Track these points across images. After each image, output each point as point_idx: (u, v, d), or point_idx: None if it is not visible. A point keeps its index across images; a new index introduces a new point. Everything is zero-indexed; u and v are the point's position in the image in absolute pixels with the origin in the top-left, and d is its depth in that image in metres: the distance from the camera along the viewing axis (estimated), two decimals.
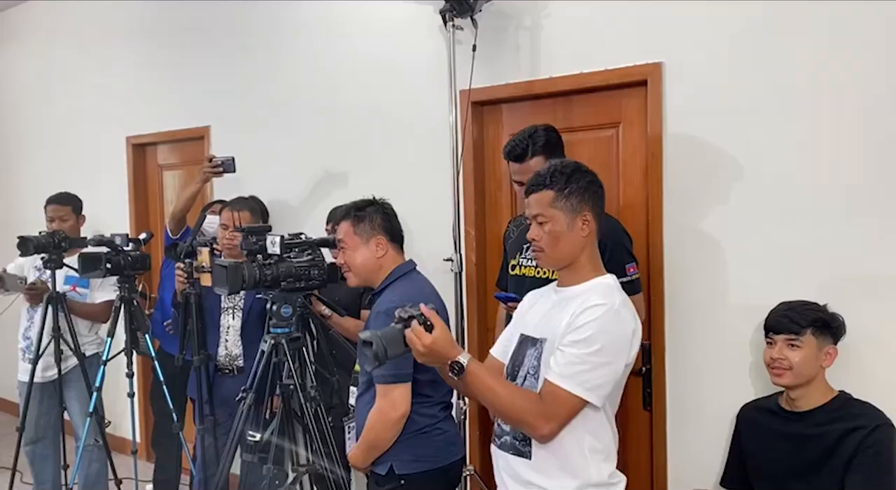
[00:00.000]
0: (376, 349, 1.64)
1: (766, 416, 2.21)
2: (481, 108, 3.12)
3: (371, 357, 1.65)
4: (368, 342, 1.66)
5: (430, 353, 1.64)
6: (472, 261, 3.15)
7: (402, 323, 1.68)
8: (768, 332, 2.17)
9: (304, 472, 2.60)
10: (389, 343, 1.66)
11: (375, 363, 1.65)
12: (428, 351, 1.64)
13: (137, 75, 4.59)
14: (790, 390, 2.13)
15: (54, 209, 3.75)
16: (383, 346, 1.64)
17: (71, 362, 3.57)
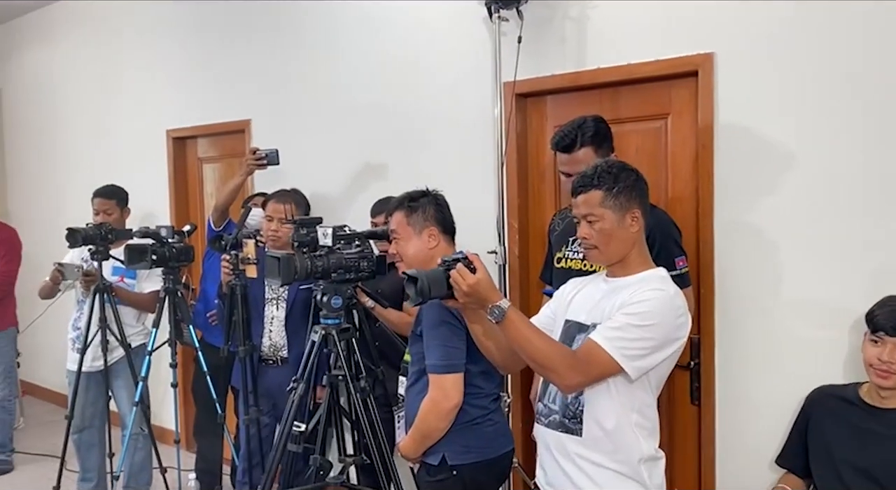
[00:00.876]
0: (420, 286, 1.71)
1: (843, 405, 2.16)
2: (525, 99, 3.10)
3: (415, 294, 1.73)
4: (413, 279, 1.72)
5: (473, 293, 1.70)
6: (515, 253, 3.14)
7: (446, 266, 1.74)
8: (877, 331, 2.03)
9: (351, 462, 2.62)
10: (433, 282, 1.73)
11: (419, 299, 1.73)
12: (471, 291, 1.70)
13: (178, 70, 4.64)
14: (883, 389, 2.05)
15: (100, 202, 3.81)
16: (427, 285, 1.72)
17: (118, 353, 3.63)
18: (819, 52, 2.35)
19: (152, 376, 3.57)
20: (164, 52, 4.72)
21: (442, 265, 1.76)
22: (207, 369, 3.48)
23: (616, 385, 1.72)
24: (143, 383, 3.46)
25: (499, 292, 1.74)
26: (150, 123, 4.82)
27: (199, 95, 4.51)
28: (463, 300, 1.74)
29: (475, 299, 1.72)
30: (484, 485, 2.22)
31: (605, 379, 1.71)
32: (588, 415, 1.75)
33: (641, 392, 1.75)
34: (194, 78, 4.53)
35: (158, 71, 4.77)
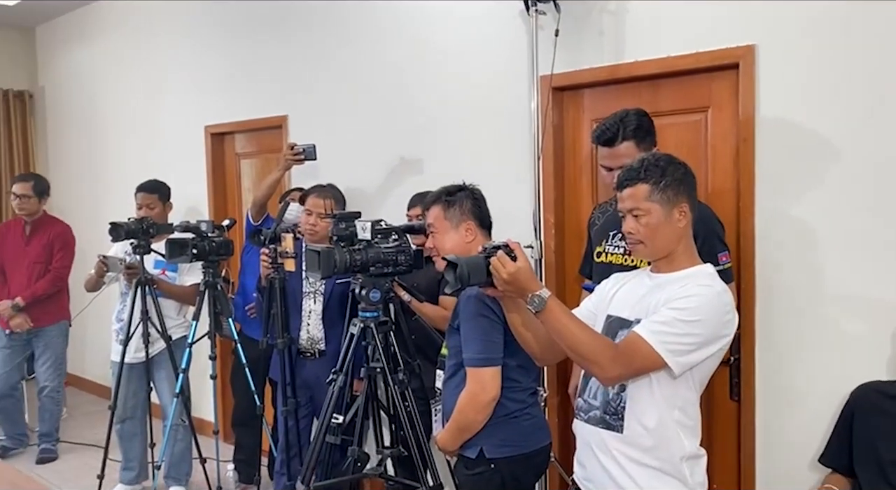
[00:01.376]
0: (460, 272, 1.71)
1: (890, 402, 2.13)
2: (562, 93, 3.09)
3: (454, 279, 1.72)
4: (453, 264, 1.72)
5: (513, 281, 1.70)
6: (551, 247, 3.13)
7: (487, 253, 1.74)
8: None
9: (388, 454, 2.64)
10: (473, 269, 1.72)
11: (457, 285, 1.73)
12: (511, 279, 1.70)
13: (216, 67, 4.70)
14: None
15: (143, 197, 3.88)
16: (467, 271, 1.71)
17: (159, 345, 3.70)
18: (864, 43, 2.31)
19: (192, 368, 3.64)
20: (202, 50, 4.79)
21: (483, 252, 1.75)
22: (246, 361, 3.54)
23: (659, 381, 1.70)
24: (184, 375, 3.52)
25: (539, 281, 1.73)
26: (190, 120, 4.90)
27: (237, 92, 4.56)
28: (502, 288, 1.73)
29: (515, 288, 1.71)
30: (521, 479, 2.22)
31: (647, 373, 1.69)
32: (630, 411, 1.73)
33: (684, 389, 1.72)
34: (232, 75, 4.58)
35: (197, 68, 4.84)
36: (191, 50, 4.88)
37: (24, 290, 4.44)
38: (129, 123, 5.51)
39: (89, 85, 5.91)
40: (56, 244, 4.56)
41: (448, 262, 1.75)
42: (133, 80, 5.43)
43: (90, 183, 5.95)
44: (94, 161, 5.92)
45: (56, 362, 4.67)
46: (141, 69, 5.34)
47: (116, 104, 5.63)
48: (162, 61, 5.13)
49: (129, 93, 5.47)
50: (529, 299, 1.69)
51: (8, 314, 4.39)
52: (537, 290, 1.69)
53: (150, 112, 5.28)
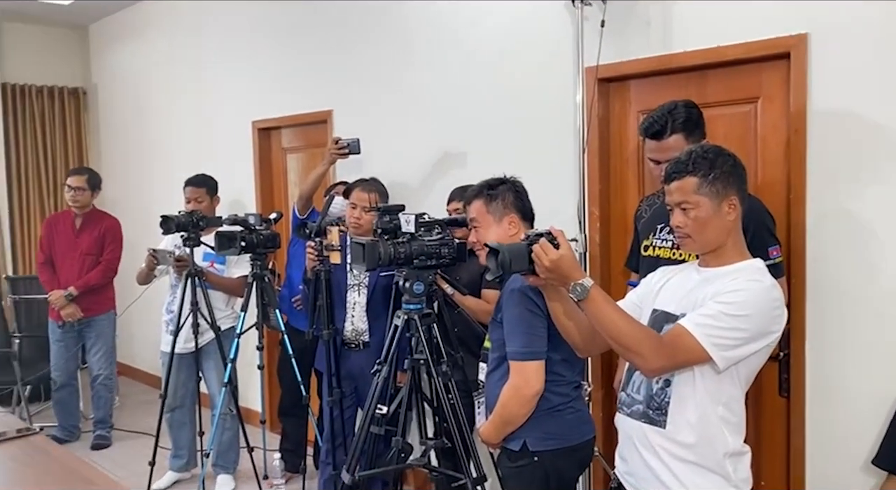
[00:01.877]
0: (502, 259, 1.70)
1: None
2: (608, 85, 3.06)
3: (495, 266, 1.71)
4: (495, 251, 1.71)
5: (555, 269, 1.69)
6: (596, 241, 3.11)
7: (529, 240, 1.73)
8: None
9: (432, 445, 2.66)
10: (515, 256, 1.71)
11: (498, 272, 1.72)
12: (553, 267, 1.68)
13: (263, 63, 4.76)
14: None
15: (191, 191, 3.96)
16: (508, 258, 1.70)
17: (208, 335, 3.77)
18: None
19: (240, 359, 3.71)
20: (249, 47, 4.86)
21: (525, 239, 1.74)
22: (292, 352, 3.59)
23: (703, 376, 1.68)
24: (232, 365, 3.59)
25: (582, 270, 1.71)
26: (237, 115, 4.98)
27: (284, 87, 4.62)
28: (544, 276, 1.72)
29: (557, 276, 1.70)
30: (565, 472, 2.22)
31: (691, 366, 1.67)
32: (673, 407, 1.71)
33: (729, 385, 1.69)
34: (279, 71, 4.64)
35: (245, 64, 4.91)
36: (238, 47, 4.95)
37: (75, 280, 4.57)
38: (178, 119, 5.63)
39: (140, 81, 6.05)
40: (107, 237, 4.69)
41: (490, 249, 1.74)
42: (182, 77, 5.54)
43: (140, 177, 6.10)
44: (144, 156, 6.06)
45: (107, 351, 4.81)
46: (190, 66, 5.44)
47: (166, 100, 5.76)
48: (210, 58, 5.23)
49: (179, 89, 5.59)
50: (572, 288, 1.68)
51: (61, 303, 4.53)
52: (580, 279, 1.68)
53: (199, 108, 5.39)
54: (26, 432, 2.55)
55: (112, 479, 2.27)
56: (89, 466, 2.31)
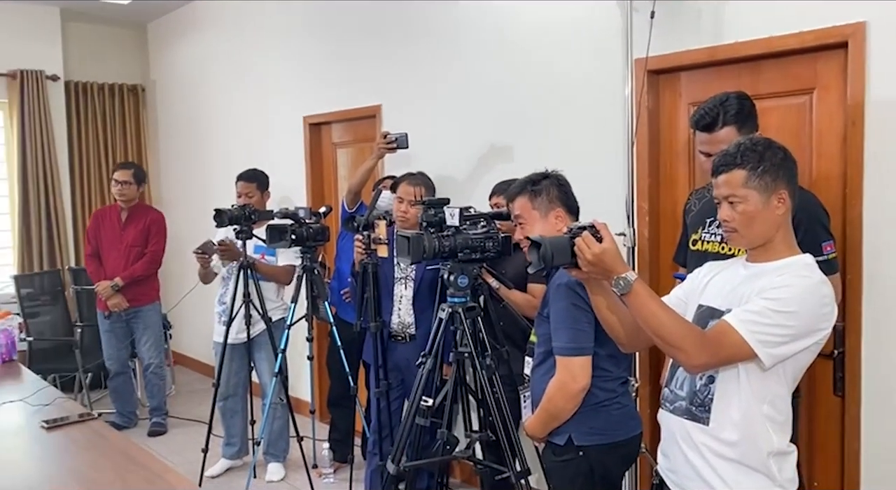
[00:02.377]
0: (543, 252, 1.69)
1: None
2: (658, 77, 3.01)
3: (537, 259, 1.70)
4: (537, 244, 1.70)
5: (598, 262, 1.67)
6: (645, 235, 3.07)
7: (572, 233, 1.72)
8: None
9: (477, 438, 2.67)
10: (557, 249, 1.70)
11: (540, 265, 1.71)
12: (596, 260, 1.67)
13: (314, 60, 4.83)
14: None
15: (242, 185, 4.05)
16: (550, 251, 1.69)
17: (260, 326, 3.86)
18: None
19: (290, 349, 3.78)
20: (302, 45, 4.93)
21: (568, 233, 1.73)
22: (341, 344, 3.65)
23: (748, 373, 1.65)
24: (282, 355, 3.66)
25: (625, 264, 1.69)
26: (289, 111, 5.06)
27: (334, 83, 4.68)
28: (587, 269, 1.70)
29: (600, 269, 1.68)
30: (610, 467, 2.20)
31: (735, 363, 1.64)
32: (717, 404, 1.68)
33: (775, 383, 1.66)
34: (329, 66, 4.70)
35: (296, 61, 4.99)
36: (290, 44, 5.03)
37: (121, 272, 4.71)
38: (232, 115, 5.75)
39: (195, 78, 6.20)
40: (152, 229, 4.82)
41: (532, 242, 1.74)
42: (236, 74, 5.65)
43: (197, 171, 6.25)
44: (199, 151, 6.21)
45: (156, 341, 4.95)
46: (243, 63, 5.55)
47: (220, 96, 5.88)
48: (263, 55, 5.32)
49: (233, 85, 5.70)
50: (615, 281, 1.66)
51: (107, 294, 4.67)
52: (623, 272, 1.66)
53: (253, 104, 5.49)
54: (86, 417, 2.66)
55: (166, 464, 2.35)
56: (144, 451, 2.40)
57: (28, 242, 5.99)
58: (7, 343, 3.45)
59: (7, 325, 3.50)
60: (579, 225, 1.73)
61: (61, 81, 6.20)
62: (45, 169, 6.03)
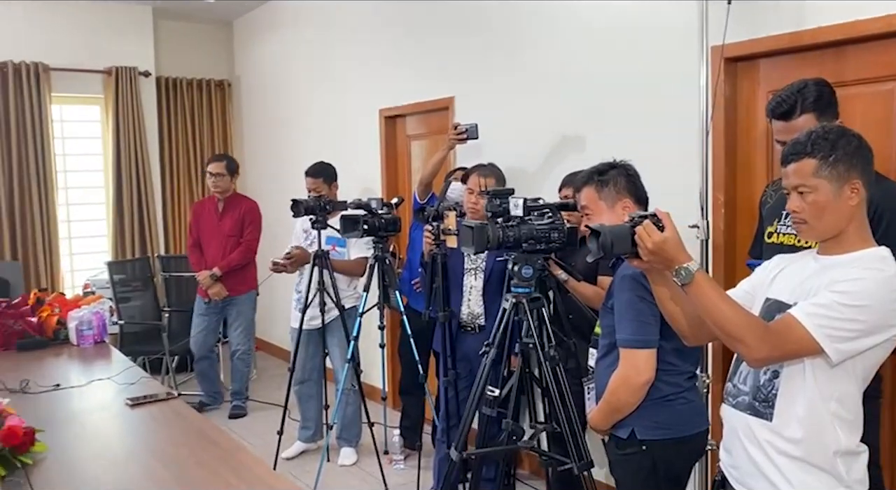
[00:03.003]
0: (603, 240, 1.67)
1: None
2: (735, 64, 2.92)
3: (596, 248, 1.69)
4: (596, 233, 1.68)
5: (659, 251, 1.64)
6: (720, 228, 2.98)
7: (633, 222, 1.69)
8: None
9: (542, 429, 2.67)
10: (617, 238, 1.68)
11: (599, 253, 1.69)
12: (656, 249, 1.64)
13: (389, 54, 4.90)
14: None
15: (310, 181, 4.16)
16: (610, 240, 1.67)
17: (333, 313, 3.95)
18: None
19: (363, 337, 3.86)
20: (376, 39, 5.01)
21: (629, 221, 1.70)
22: (411, 333, 3.70)
23: (814, 369, 1.59)
24: (354, 343, 3.74)
25: (687, 253, 1.65)
26: (366, 104, 5.15)
27: (408, 76, 4.73)
28: (647, 258, 1.67)
29: (660, 259, 1.65)
30: (675, 463, 2.16)
31: (800, 358, 1.58)
32: (781, 399, 1.63)
33: (844, 380, 1.59)
34: (404, 60, 4.76)
35: (372, 55, 5.07)
36: (367, 40, 5.12)
37: (219, 261, 4.91)
38: (311, 108, 5.90)
39: (277, 73, 6.38)
40: (246, 219, 4.99)
41: (591, 231, 1.72)
42: (315, 69, 5.79)
43: (278, 163, 6.44)
44: (281, 144, 6.39)
45: (247, 328, 5.13)
46: (323, 58, 5.68)
47: (301, 91, 6.04)
48: (342, 50, 5.43)
49: (312, 80, 5.85)
50: (675, 271, 1.63)
51: (207, 283, 4.88)
52: (685, 262, 1.62)
53: (331, 97, 5.61)
54: (167, 397, 2.79)
55: (239, 443, 2.44)
56: (219, 431, 2.50)
57: (121, 231, 6.33)
58: (98, 325, 3.65)
59: (99, 309, 3.71)
60: (641, 213, 1.70)
61: (153, 77, 6.50)
62: (137, 161, 6.33)
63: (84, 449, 2.33)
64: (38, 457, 2.14)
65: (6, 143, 5.78)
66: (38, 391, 2.85)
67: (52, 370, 3.18)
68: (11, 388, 2.82)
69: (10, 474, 2.01)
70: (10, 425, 2.07)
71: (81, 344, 3.59)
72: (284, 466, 4.13)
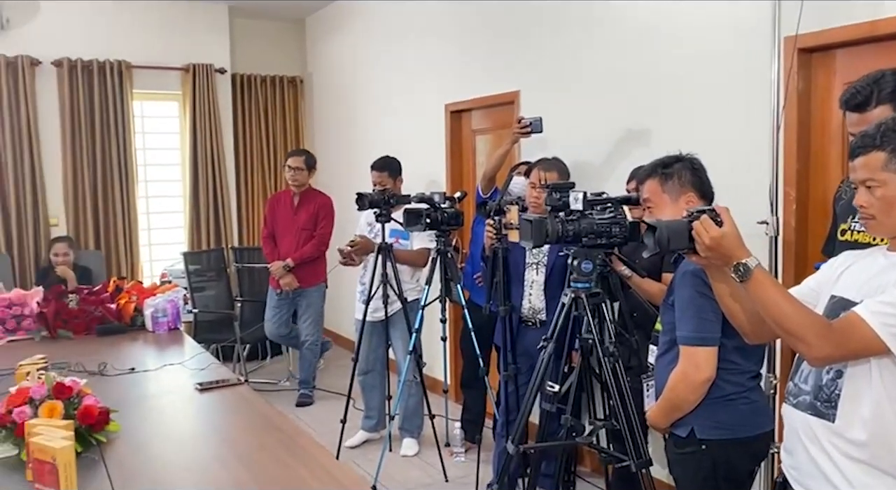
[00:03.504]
0: (659, 236, 1.65)
1: None
2: (809, 55, 2.82)
3: (652, 243, 1.67)
4: (652, 228, 1.66)
5: (717, 247, 1.61)
6: (791, 225, 2.89)
7: (690, 217, 1.66)
8: None
9: (601, 426, 2.64)
10: (673, 234, 1.65)
11: (655, 249, 1.68)
12: (714, 245, 1.61)
13: (455, 49, 4.92)
14: None
15: (375, 174, 4.22)
16: (666, 235, 1.64)
17: (396, 305, 4.00)
18: None
19: (425, 330, 3.89)
20: (443, 34, 5.04)
21: (687, 216, 1.67)
22: (472, 327, 3.72)
23: (881, 369, 1.52)
24: (417, 335, 3.78)
25: (746, 249, 1.61)
26: (431, 99, 5.19)
27: (474, 70, 4.74)
28: (705, 254, 1.65)
29: (718, 254, 1.62)
30: (736, 464, 2.11)
31: (865, 357, 1.52)
32: (845, 400, 1.57)
33: None
34: (470, 55, 4.77)
35: (439, 51, 5.10)
36: (434, 35, 5.15)
37: (293, 253, 5.03)
38: (379, 104, 5.98)
39: (347, 70, 6.48)
40: (321, 213, 5.11)
41: (648, 226, 1.70)
42: (383, 64, 5.86)
43: (347, 158, 6.55)
44: (350, 139, 6.50)
45: (315, 319, 5.25)
46: (390, 54, 5.74)
47: (369, 86, 6.13)
48: (408, 46, 5.48)
49: (381, 76, 5.92)
50: (734, 268, 1.59)
51: (279, 274, 5.01)
52: (743, 258, 1.58)
53: (398, 93, 5.68)
54: (234, 383, 2.89)
55: (302, 429, 2.51)
56: (283, 417, 2.57)
57: (197, 223, 6.56)
58: (172, 313, 3.80)
59: (173, 297, 3.86)
60: (699, 208, 1.67)
61: (228, 74, 6.69)
62: (212, 156, 6.55)
63: (154, 429, 2.43)
64: (111, 435, 2.25)
65: (91, 138, 6.06)
66: (115, 374, 2.99)
67: (128, 354, 3.33)
68: (90, 371, 2.97)
69: (85, 451, 2.12)
70: (87, 405, 2.19)
71: (156, 330, 3.75)
72: (347, 454, 4.22)
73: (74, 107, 5.99)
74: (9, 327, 3.64)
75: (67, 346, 3.46)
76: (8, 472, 2.03)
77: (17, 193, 5.80)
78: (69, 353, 3.20)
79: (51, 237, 5.66)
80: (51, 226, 5.94)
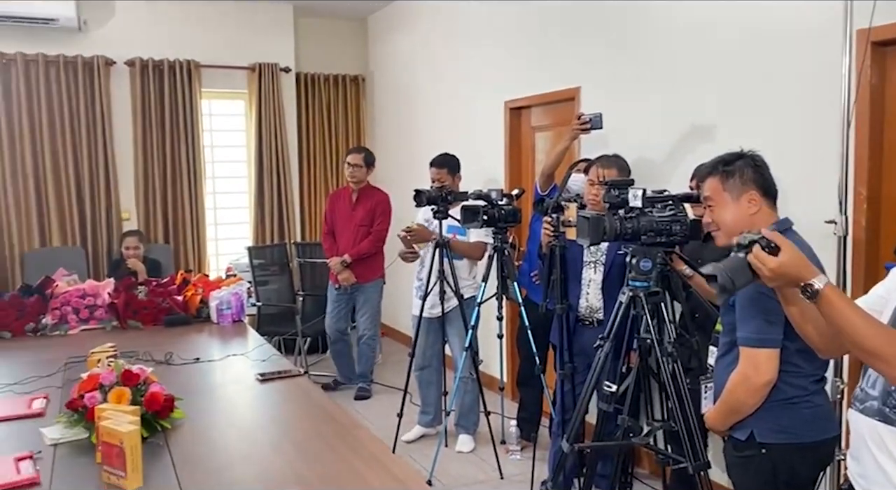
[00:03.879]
0: (722, 282, 1.61)
1: None
2: (884, 49, 2.71)
3: (718, 290, 1.63)
4: (713, 276, 1.62)
5: (780, 276, 1.58)
6: (862, 224, 2.78)
7: (742, 250, 1.62)
8: None
9: (659, 427, 2.61)
10: (734, 273, 1.61)
11: (724, 295, 1.64)
12: (776, 275, 1.58)
13: (515, 45, 4.90)
14: None
15: (434, 171, 4.24)
16: (729, 278, 1.61)
17: (453, 302, 4.02)
18: None
19: (482, 327, 3.90)
20: (503, 31, 5.02)
21: (738, 250, 1.63)
22: (529, 325, 3.70)
23: None
24: (473, 332, 3.79)
25: (813, 268, 1.56)
26: (491, 96, 5.18)
27: (534, 67, 4.71)
28: (771, 285, 1.63)
29: (784, 281, 1.59)
30: (798, 470, 2.05)
31: None
32: None
33: None
34: (530, 51, 4.74)
35: (498, 47, 5.09)
36: (494, 32, 5.14)
37: (351, 249, 5.11)
38: (440, 101, 6.00)
39: (408, 68, 6.53)
40: (378, 210, 5.17)
41: (707, 277, 1.65)
42: (443, 62, 5.88)
43: (407, 155, 6.60)
44: (410, 136, 6.55)
45: (373, 315, 5.32)
46: (451, 52, 5.76)
47: (430, 85, 6.16)
48: (470, 45, 5.48)
49: (440, 74, 5.94)
50: (802, 289, 1.55)
51: (338, 269, 5.10)
52: (810, 279, 1.54)
53: (458, 90, 5.69)
54: (294, 374, 2.95)
55: (358, 422, 2.55)
56: (340, 409, 2.62)
57: (261, 218, 6.71)
58: (237, 305, 3.91)
59: (237, 290, 3.97)
60: (749, 237, 1.61)
61: (293, 73, 6.82)
62: (277, 153, 6.68)
63: (217, 417, 2.51)
64: (176, 422, 2.33)
65: (161, 136, 6.26)
66: (180, 363, 3.10)
67: (194, 345, 3.45)
68: (157, 360, 3.09)
69: (151, 436, 2.20)
70: (153, 392, 2.27)
71: (221, 322, 3.86)
72: (403, 449, 4.26)
73: (146, 105, 6.20)
74: (82, 317, 3.80)
75: (136, 335, 3.60)
76: (79, 454, 2.13)
77: (92, 189, 6.04)
78: (138, 343, 3.33)
79: (122, 231, 5.87)
80: (123, 220, 6.17)
